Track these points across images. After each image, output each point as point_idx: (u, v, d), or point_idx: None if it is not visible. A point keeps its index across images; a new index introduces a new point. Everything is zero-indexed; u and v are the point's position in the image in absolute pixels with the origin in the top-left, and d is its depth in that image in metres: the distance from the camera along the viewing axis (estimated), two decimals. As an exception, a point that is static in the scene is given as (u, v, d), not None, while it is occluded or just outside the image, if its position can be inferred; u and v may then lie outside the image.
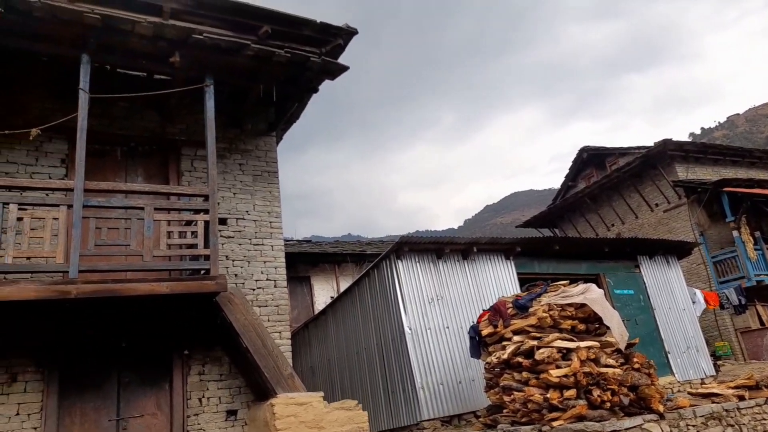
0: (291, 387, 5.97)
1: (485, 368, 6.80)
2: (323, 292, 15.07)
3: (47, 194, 5.88)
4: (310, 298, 14.50)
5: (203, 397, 6.33)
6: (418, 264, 8.14)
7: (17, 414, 5.53)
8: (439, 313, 7.93)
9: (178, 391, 6.24)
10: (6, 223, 5.05)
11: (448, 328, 7.90)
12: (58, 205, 5.31)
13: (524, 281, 8.60)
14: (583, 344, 6.21)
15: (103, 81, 6.10)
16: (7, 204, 5.09)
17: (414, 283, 7.96)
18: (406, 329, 7.64)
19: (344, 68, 6.65)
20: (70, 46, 5.67)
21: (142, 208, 5.59)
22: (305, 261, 14.43)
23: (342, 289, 14.27)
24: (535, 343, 6.25)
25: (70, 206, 5.29)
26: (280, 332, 6.91)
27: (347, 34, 7.08)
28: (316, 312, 13.63)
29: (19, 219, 5.13)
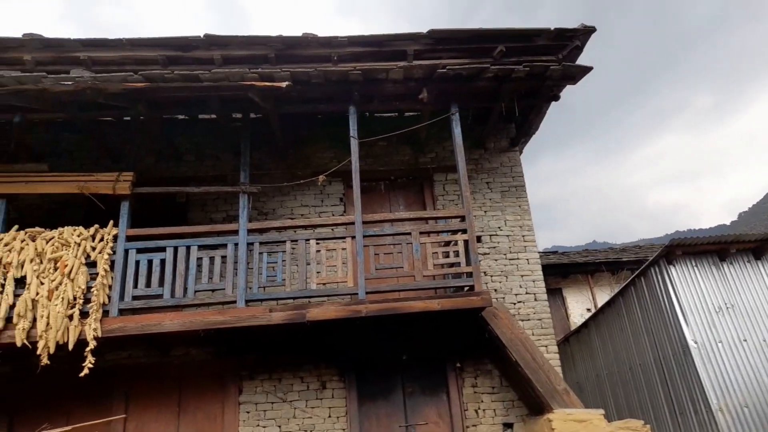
0: (567, 402, 5.81)
1: (808, 389, 5.59)
2: (577, 305, 14.31)
3: (332, 229, 6.93)
4: (564, 310, 13.92)
5: (479, 408, 6.58)
6: (695, 268, 7.17)
7: (329, 416, 6.55)
8: (731, 324, 6.82)
9: (455, 402, 6.62)
10: (309, 256, 6.11)
11: (745, 341, 6.73)
12: (344, 238, 6.21)
13: None
14: None
15: (365, 126, 6.97)
16: (309, 240, 6.16)
17: (693, 291, 7.02)
18: (690, 343, 6.75)
19: (587, 69, 6.37)
20: (339, 102, 6.64)
21: (409, 233, 6.17)
22: (554, 272, 13.91)
23: (598, 300, 13.37)
24: None
25: (353, 237, 6.15)
26: (546, 346, 6.82)
27: (584, 33, 6.83)
28: (572, 325, 13.02)
29: (317, 251, 6.16)
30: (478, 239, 7.16)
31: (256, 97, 5.96)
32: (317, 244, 6.15)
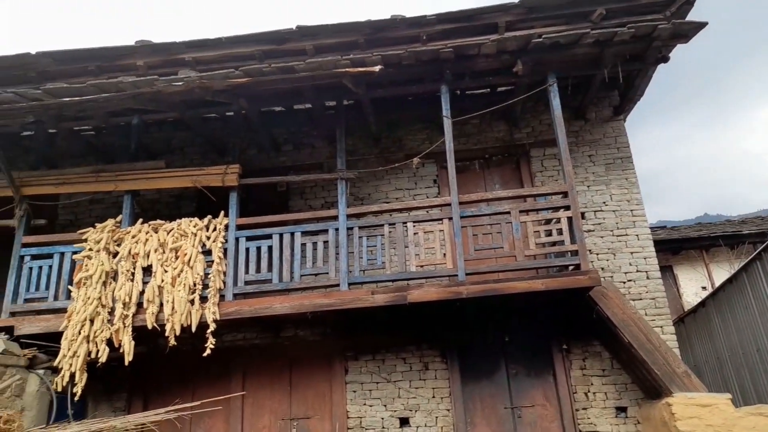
0: (687, 386, 5.44)
1: None
2: (691, 282, 13.30)
3: (427, 211, 6.90)
4: (676, 289, 12.98)
5: (588, 391, 6.34)
6: (837, 239, 6.39)
7: (433, 397, 6.61)
8: None
9: (562, 384, 6.42)
10: (407, 238, 6.14)
11: None
12: (441, 219, 6.18)
13: None
14: None
15: (456, 105, 6.82)
16: (406, 223, 6.18)
17: (836, 264, 6.27)
18: (833, 322, 6.05)
19: (700, 25, 5.80)
20: (430, 82, 6.55)
21: (508, 212, 6.01)
22: (663, 249, 12.94)
23: (715, 278, 12.35)
24: None
25: (450, 218, 6.09)
26: (661, 327, 6.41)
27: (696, -14, 6.21)
28: (685, 305, 12.17)
29: (415, 234, 6.17)
30: (582, 216, 6.84)
31: (349, 84, 6.03)
32: (414, 226, 6.16)
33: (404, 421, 6.54)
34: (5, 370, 5.71)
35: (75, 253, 6.26)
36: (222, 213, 6.37)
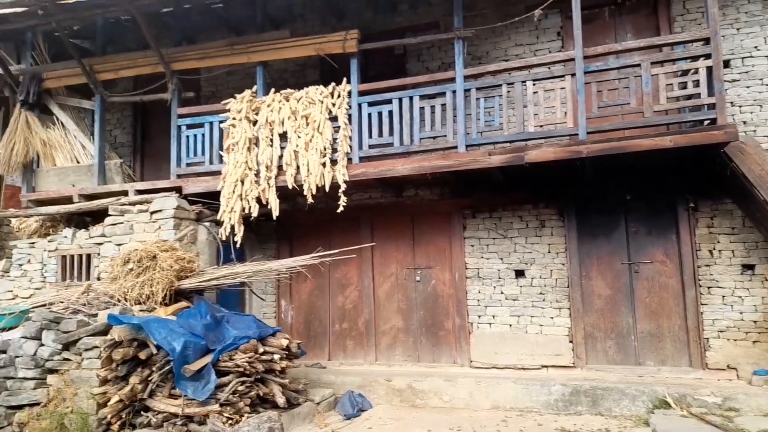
0: (828, 246, 5.15)
1: None
2: None
3: (548, 68, 6.60)
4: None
5: (713, 249, 6.23)
6: None
7: (549, 252, 6.91)
8: None
9: (685, 242, 6.35)
10: (525, 98, 6.06)
11: None
12: (563, 76, 5.94)
13: None
14: None
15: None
16: (525, 82, 6.06)
17: None
18: None
19: None
20: None
21: (639, 65, 5.62)
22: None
23: None
24: None
25: (573, 75, 5.85)
26: (807, 184, 5.91)
27: None
28: None
29: (534, 93, 6.06)
30: (727, 64, 6.19)
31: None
32: (534, 85, 6.03)
33: (519, 273, 6.99)
34: (181, 222, 6.93)
35: (221, 122, 7.04)
36: (344, 80, 6.68)
